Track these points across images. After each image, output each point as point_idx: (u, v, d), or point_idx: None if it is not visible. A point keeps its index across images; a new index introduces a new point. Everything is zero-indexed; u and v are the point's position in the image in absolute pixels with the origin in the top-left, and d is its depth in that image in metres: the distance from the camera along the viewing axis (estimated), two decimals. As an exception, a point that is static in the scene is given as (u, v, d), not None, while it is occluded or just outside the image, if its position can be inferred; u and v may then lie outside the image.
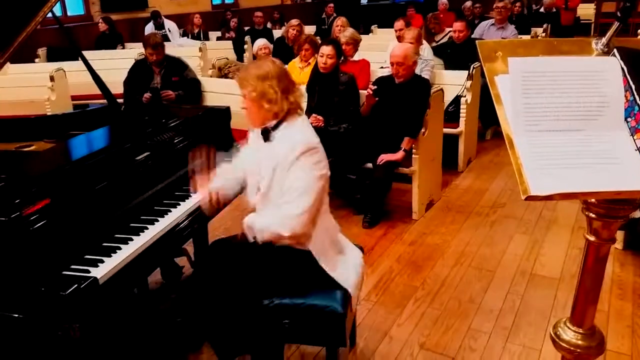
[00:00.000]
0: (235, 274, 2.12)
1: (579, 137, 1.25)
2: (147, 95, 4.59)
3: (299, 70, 4.85)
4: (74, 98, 5.83)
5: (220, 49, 7.77)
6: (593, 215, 1.35)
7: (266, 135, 2.08)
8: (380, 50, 5.79)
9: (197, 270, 2.88)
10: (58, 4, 2.89)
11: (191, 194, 2.39)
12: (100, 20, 8.24)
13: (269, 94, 1.99)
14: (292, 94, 2.04)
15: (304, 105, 2.33)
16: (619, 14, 1.35)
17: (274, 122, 2.05)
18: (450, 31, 6.24)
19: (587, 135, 1.25)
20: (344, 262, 2.20)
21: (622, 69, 1.28)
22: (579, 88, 1.28)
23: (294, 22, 6.32)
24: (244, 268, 2.12)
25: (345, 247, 2.28)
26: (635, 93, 1.24)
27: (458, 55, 5.49)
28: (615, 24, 1.33)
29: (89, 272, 1.81)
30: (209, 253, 2.43)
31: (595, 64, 1.32)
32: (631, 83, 1.25)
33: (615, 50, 1.32)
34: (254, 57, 5.41)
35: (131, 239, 2.03)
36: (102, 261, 1.88)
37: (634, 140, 1.24)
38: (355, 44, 4.93)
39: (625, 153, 1.23)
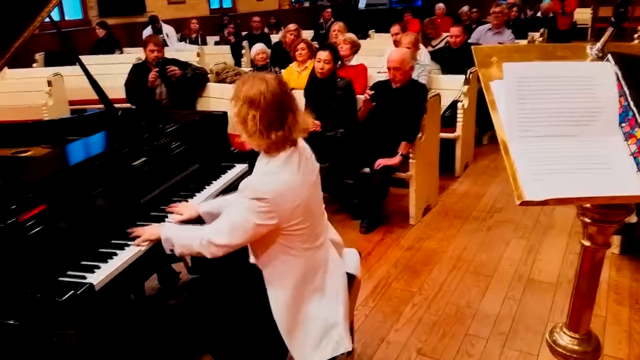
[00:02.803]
0: (234, 288, 2.11)
1: (573, 142, 1.26)
2: (153, 74, 4.56)
3: (297, 75, 4.86)
4: (71, 103, 5.82)
5: (218, 53, 7.78)
6: (588, 221, 1.36)
7: (253, 152, 1.99)
8: (377, 55, 5.80)
9: (197, 284, 2.85)
10: (56, 9, 2.89)
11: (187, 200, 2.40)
12: (97, 27, 8.24)
13: (248, 126, 1.80)
14: (274, 132, 1.79)
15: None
16: (613, 19, 1.36)
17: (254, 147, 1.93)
18: (447, 36, 6.26)
19: (581, 140, 1.26)
20: (307, 325, 1.96)
21: (616, 74, 1.29)
22: (574, 93, 1.29)
23: (292, 26, 6.33)
24: (243, 283, 2.10)
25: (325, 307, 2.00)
26: (629, 98, 1.25)
27: (455, 60, 5.50)
28: (610, 29, 1.34)
29: (85, 278, 1.80)
30: (209, 268, 2.40)
31: (590, 69, 1.33)
32: (625, 88, 1.26)
33: (609, 56, 1.33)
34: (252, 62, 5.42)
35: (128, 245, 2.03)
36: (99, 267, 1.87)
37: (628, 145, 1.24)
38: (353, 44, 4.94)
39: (619, 158, 1.23)
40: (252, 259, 2.07)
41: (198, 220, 2.24)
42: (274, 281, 1.97)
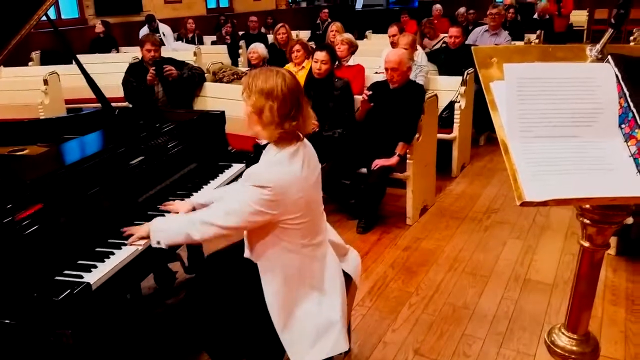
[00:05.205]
0: (230, 286, 2.11)
1: (573, 143, 1.26)
2: (151, 73, 4.52)
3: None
4: (67, 102, 5.80)
5: (214, 53, 7.76)
6: (587, 222, 1.36)
7: (258, 150, 2.04)
8: (374, 56, 5.81)
9: (193, 282, 2.86)
10: (52, 7, 2.88)
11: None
12: (99, 22, 8.22)
13: (265, 116, 1.82)
14: (289, 122, 1.83)
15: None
16: (612, 20, 1.36)
17: (264, 141, 1.96)
18: (444, 37, 6.27)
19: (581, 141, 1.26)
20: (304, 321, 1.96)
21: (616, 75, 1.29)
22: (574, 94, 1.29)
23: (278, 26, 6.39)
24: (239, 281, 2.10)
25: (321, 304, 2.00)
26: (629, 99, 1.25)
27: (452, 61, 5.51)
28: (609, 31, 1.35)
29: (82, 277, 1.80)
30: (205, 266, 2.40)
31: (590, 70, 1.33)
32: (625, 89, 1.26)
33: (609, 57, 1.33)
34: (249, 61, 5.40)
35: (124, 245, 2.02)
36: (95, 266, 1.87)
37: (628, 147, 1.24)
38: (350, 45, 4.94)
39: (619, 159, 1.24)
40: (246, 253, 2.06)
41: None
42: (269, 273, 1.96)
